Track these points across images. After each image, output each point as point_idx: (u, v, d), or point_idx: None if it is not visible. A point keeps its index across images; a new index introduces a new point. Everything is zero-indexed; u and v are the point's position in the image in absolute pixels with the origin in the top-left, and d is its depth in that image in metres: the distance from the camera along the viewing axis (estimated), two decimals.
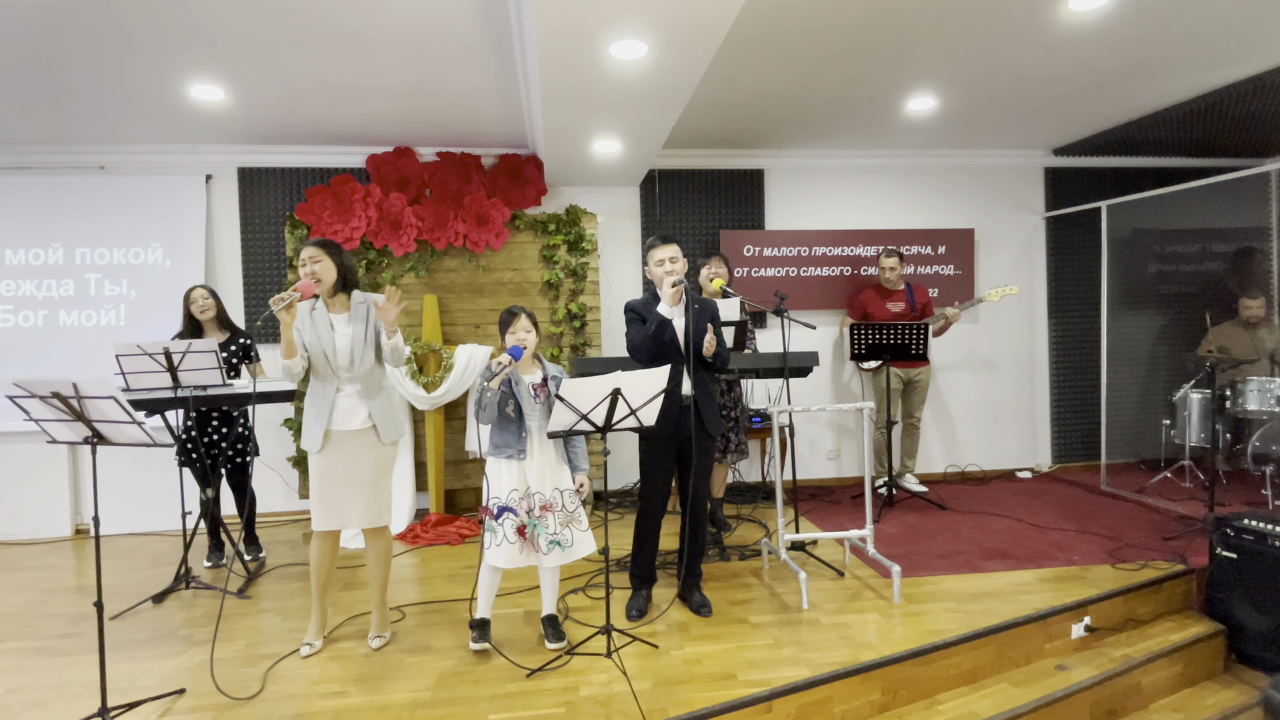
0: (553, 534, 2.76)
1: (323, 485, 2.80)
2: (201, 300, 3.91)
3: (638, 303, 3.11)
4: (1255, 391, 4.45)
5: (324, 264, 2.77)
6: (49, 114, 4.19)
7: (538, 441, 2.79)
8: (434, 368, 4.70)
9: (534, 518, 2.74)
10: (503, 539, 2.71)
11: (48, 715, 2.47)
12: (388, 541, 2.98)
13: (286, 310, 2.58)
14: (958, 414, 5.74)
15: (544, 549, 2.74)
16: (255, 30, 3.21)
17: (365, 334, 2.84)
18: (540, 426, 2.79)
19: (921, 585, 3.41)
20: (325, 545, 2.89)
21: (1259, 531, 3.21)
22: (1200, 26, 3.47)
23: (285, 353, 2.67)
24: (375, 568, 2.96)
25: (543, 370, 2.87)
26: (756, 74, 3.90)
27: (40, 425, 2.39)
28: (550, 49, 2.83)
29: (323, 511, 2.81)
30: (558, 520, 2.77)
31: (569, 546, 2.78)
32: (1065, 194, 5.75)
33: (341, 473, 2.80)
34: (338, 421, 2.80)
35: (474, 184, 4.93)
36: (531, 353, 2.81)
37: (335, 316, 2.83)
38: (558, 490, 2.80)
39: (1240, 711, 2.97)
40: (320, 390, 2.81)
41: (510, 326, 2.79)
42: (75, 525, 4.80)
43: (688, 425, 3.04)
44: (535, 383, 2.82)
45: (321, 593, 2.91)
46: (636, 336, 3.01)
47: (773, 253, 5.44)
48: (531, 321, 2.81)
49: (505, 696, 2.51)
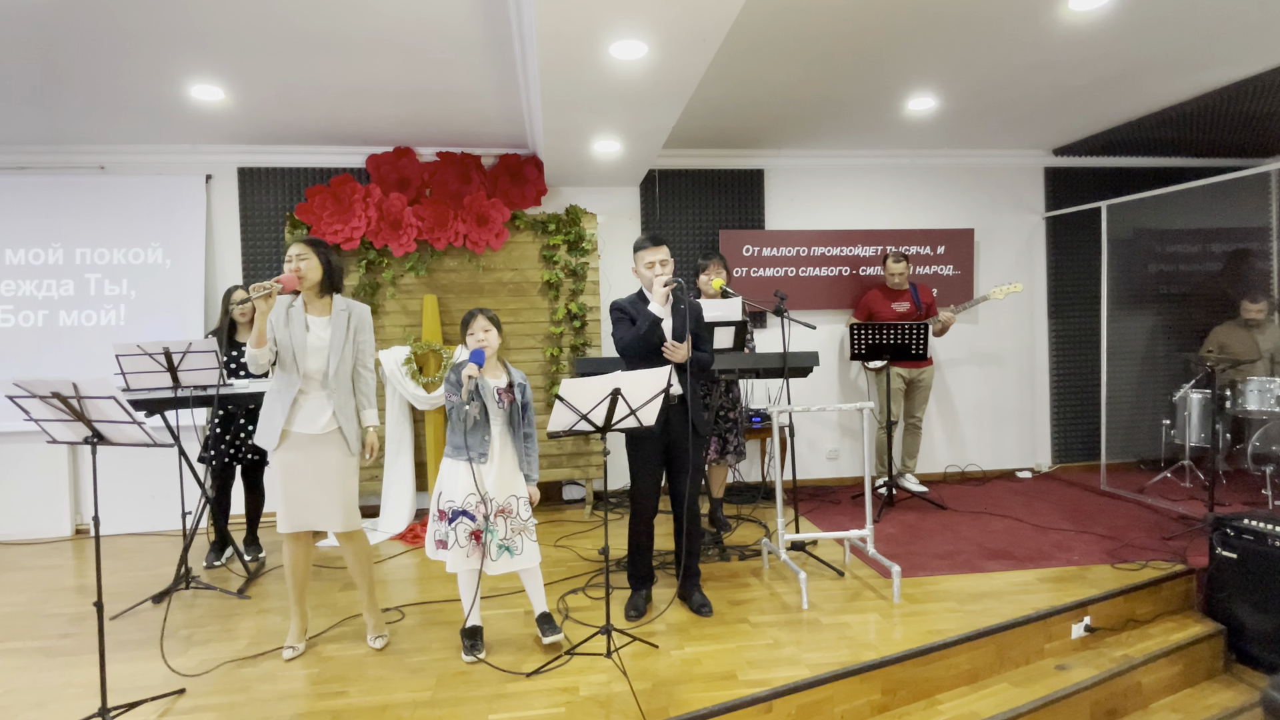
0: (503, 539, 2.74)
1: (286, 485, 2.74)
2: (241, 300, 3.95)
3: (624, 302, 3.10)
4: (1255, 391, 4.45)
5: (310, 262, 2.76)
6: (49, 114, 4.19)
7: (499, 446, 2.76)
8: (434, 368, 4.70)
9: (490, 523, 2.72)
10: (454, 543, 2.69)
11: (48, 715, 2.47)
12: (363, 544, 2.93)
13: (264, 299, 2.58)
14: (958, 414, 5.74)
15: (494, 555, 2.72)
16: (255, 30, 3.21)
17: (344, 343, 2.80)
18: (502, 432, 2.78)
19: (921, 585, 3.41)
20: (298, 547, 2.84)
21: (1259, 531, 3.20)
22: (1200, 26, 3.47)
23: (255, 341, 2.65)
24: (357, 572, 2.92)
25: (508, 375, 2.83)
26: (756, 74, 3.90)
27: (40, 425, 2.39)
28: (550, 49, 2.83)
29: (288, 512, 2.75)
30: (510, 527, 2.76)
31: (517, 554, 2.77)
32: (1065, 194, 5.75)
33: (305, 474, 2.74)
34: (299, 423, 2.74)
35: (474, 184, 4.93)
36: (495, 354, 2.78)
37: (313, 318, 2.79)
38: (513, 497, 2.78)
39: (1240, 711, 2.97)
40: (283, 388, 2.75)
41: (469, 328, 2.76)
42: (75, 525, 4.80)
43: (675, 425, 3.04)
44: (500, 387, 2.79)
45: (299, 595, 2.88)
46: (626, 336, 3.01)
47: (772, 253, 5.43)
48: (492, 321, 2.76)
49: (505, 696, 2.51)
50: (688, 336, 2.99)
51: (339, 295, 2.87)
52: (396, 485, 4.58)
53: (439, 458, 4.76)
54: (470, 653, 2.78)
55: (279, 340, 2.73)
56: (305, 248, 2.77)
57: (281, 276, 2.66)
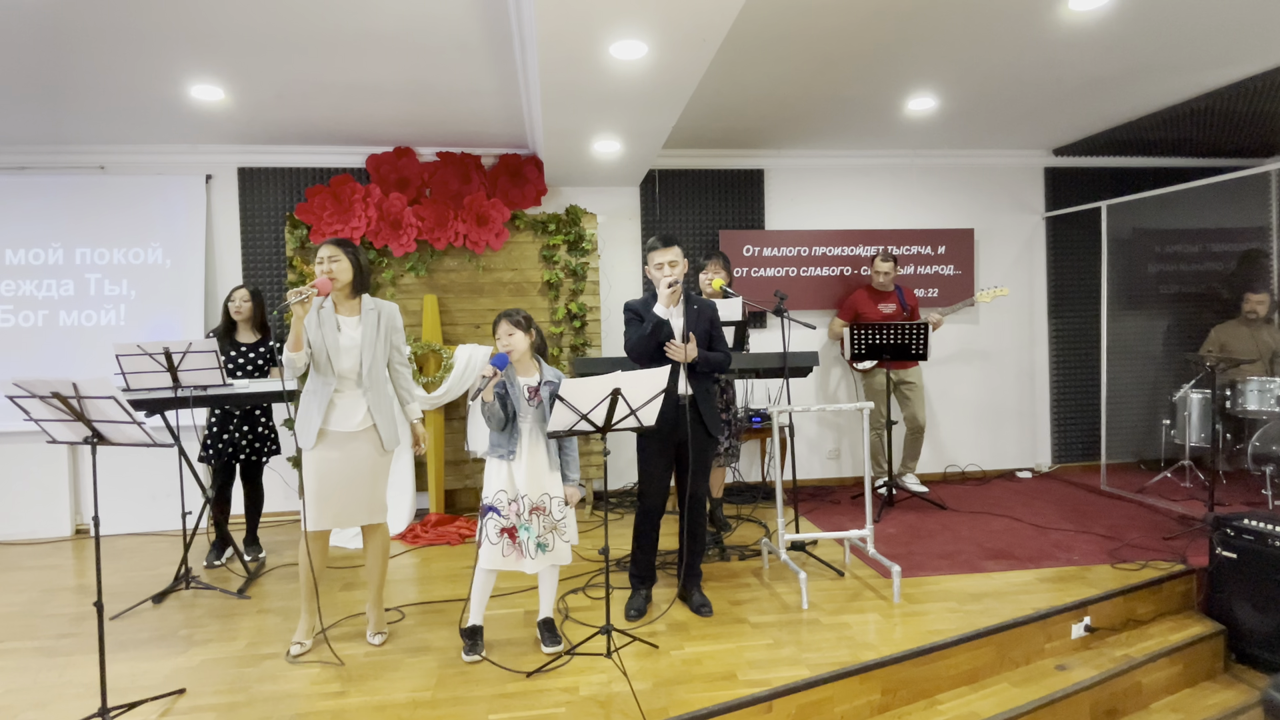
0: (538, 536, 2.75)
1: (320, 484, 2.80)
2: (240, 300, 4.03)
3: (637, 303, 3.11)
4: (1255, 391, 4.45)
5: (342, 264, 2.81)
6: (49, 114, 4.19)
7: (528, 444, 2.77)
8: (434, 368, 4.70)
9: (523, 520, 2.73)
10: (484, 539, 2.71)
11: (48, 715, 2.47)
12: (385, 537, 3.00)
13: (302, 305, 2.63)
14: (958, 414, 5.74)
15: (531, 553, 2.73)
16: (255, 30, 3.21)
17: (375, 341, 2.86)
18: (532, 429, 2.78)
19: (921, 585, 3.41)
20: (318, 545, 2.89)
21: (1259, 531, 3.20)
22: (1200, 27, 3.47)
23: (294, 345, 2.69)
24: (374, 563, 2.97)
25: (540, 373, 2.85)
26: (756, 74, 3.90)
27: (40, 425, 2.39)
28: (550, 49, 2.83)
29: (318, 511, 2.80)
30: (543, 525, 2.76)
31: (550, 550, 2.77)
32: (1065, 194, 5.75)
33: (340, 472, 2.80)
34: (335, 422, 2.80)
35: (474, 184, 4.93)
36: (523, 353, 2.79)
37: (343, 318, 2.84)
38: (546, 495, 2.79)
39: (1240, 711, 2.97)
40: (319, 388, 2.81)
41: (495, 333, 2.79)
42: (75, 525, 4.80)
43: (685, 425, 3.04)
44: (531, 385, 2.80)
45: (311, 592, 2.90)
46: (633, 336, 3.02)
47: (772, 253, 5.43)
48: (517, 324, 2.76)
49: (505, 696, 2.51)
50: (691, 336, 2.99)
51: (367, 295, 2.92)
52: (396, 485, 4.56)
53: (439, 458, 4.78)
54: (470, 652, 2.78)
55: (313, 342, 2.77)
56: (336, 249, 2.81)
57: (316, 281, 2.71)
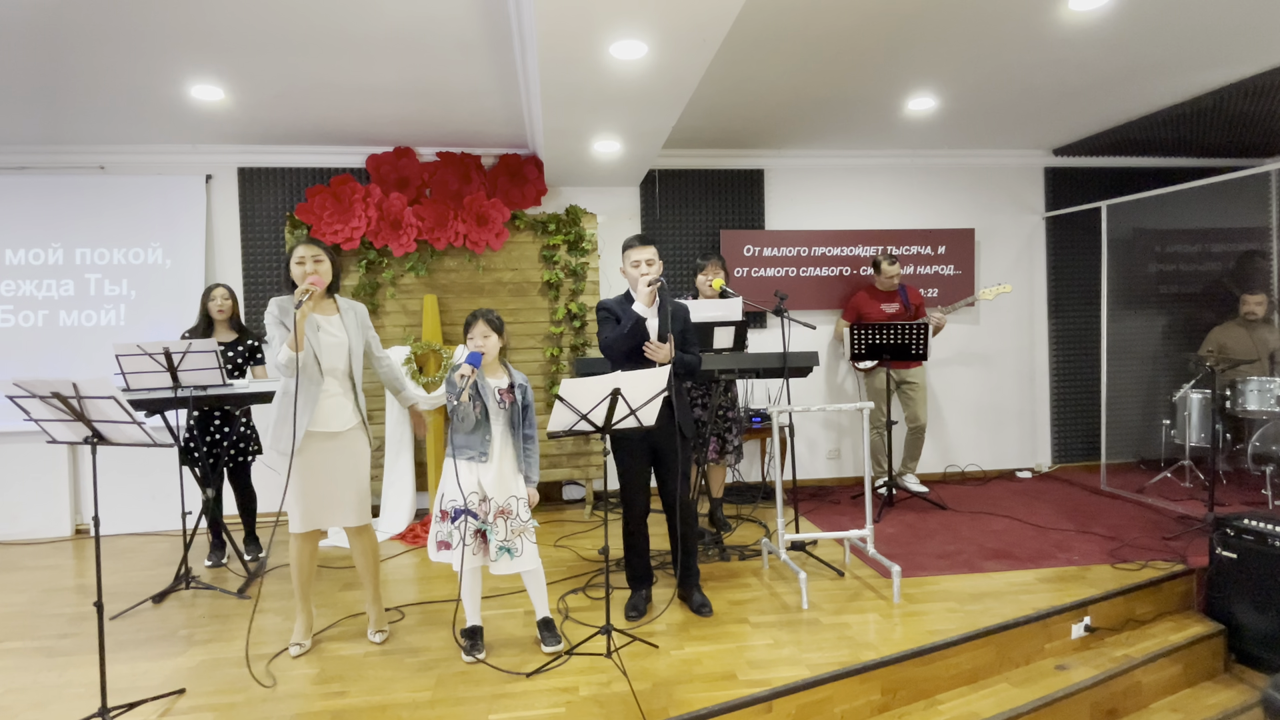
0: (503, 540, 2.74)
1: (304, 486, 2.79)
2: (220, 299, 3.99)
3: (611, 302, 3.10)
4: (1255, 391, 4.45)
5: (325, 264, 2.84)
6: (49, 114, 4.18)
7: (499, 446, 2.77)
8: (434, 368, 4.70)
9: (489, 523, 2.73)
10: (458, 542, 2.70)
11: (48, 715, 2.47)
12: (372, 538, 3.00)
13: (308, 303, 2.66)
14: (958, 414, 5.74)
15: (493, 555, 2.73)
16: (255, 30, 3.21)
17: (357, 338, 2.90)
18: (503, 432, 2.78)
19: (921, 585, 3.41)
20: (307, 546, 2.90)
21: (1259, 531, 3.20)
22: (1200, 26, 3.47)
23: (297, 345, 2.67)
24: (365, 565, 2.98)
25: (509, 376, 2.84)
26: (756, 74, 3.90)
27: (40, 425, 2.39)
28: (550, 49, 2.83)
29: (304, 511, 2.80)
30: (510, 528, 2.76)
31: (517, 555, 2.76)
32: (1065, 194, 5.75)
33: (324, 471, 2.80)
34: (319, 423, 2.79)
35: (474, 184, 4.93)
36: (495, 356, 2.79)
37: (321, 318, 2.85)
38: (513, 497, 2.78)
39: (1240, 711, 2.97)
40: (306, 389, 2.76)
41: (470, 330, 2.78)
42: (75, 525, 4.80)
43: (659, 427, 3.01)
44: (501, 387, 2.79)
45: (305, 593, 2.92)
46: (610, 335, 3.01)
47: (772, 253, 5.43)
48: (491, 325, 2.76)
49: (505, 696, 2.51)
50: (670, 337, 2.99)
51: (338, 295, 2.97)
52: (396, 485, 4.58)
53: (439, 458, 4.77)
54: (470, 653, 2.78)
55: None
56: (319, 249, 2.83)
57: (311, 280, 2.73)
